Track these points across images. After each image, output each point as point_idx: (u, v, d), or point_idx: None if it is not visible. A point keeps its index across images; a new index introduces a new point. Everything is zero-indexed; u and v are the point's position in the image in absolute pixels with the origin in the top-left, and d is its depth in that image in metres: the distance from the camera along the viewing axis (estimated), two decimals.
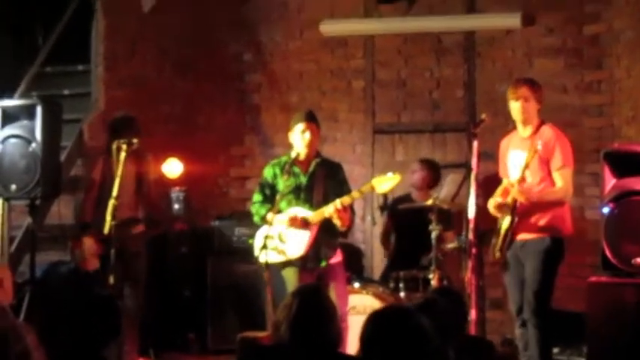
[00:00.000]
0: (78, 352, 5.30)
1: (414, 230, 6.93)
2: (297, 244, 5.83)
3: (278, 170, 5.96)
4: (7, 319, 2.97)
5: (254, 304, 7.22)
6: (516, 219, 5.71)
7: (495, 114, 6.59)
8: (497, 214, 5.83)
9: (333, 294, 5.56)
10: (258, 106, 8.61)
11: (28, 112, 6.22)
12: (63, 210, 6.77)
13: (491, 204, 5.86)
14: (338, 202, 5.72)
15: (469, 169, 5.85)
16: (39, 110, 6.14)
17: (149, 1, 7.76)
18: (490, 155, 6.35)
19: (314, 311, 3.54)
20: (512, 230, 5.74)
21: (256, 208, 5.98)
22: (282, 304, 3.61)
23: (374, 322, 3.08)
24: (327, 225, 5.82)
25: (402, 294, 6.58)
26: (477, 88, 7.99)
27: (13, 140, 6.22)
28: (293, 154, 5.91)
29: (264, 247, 5.69)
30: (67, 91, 7.85)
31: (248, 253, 6.19)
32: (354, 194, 5.82)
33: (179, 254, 7.67)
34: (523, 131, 5.89)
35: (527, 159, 5.64)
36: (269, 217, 5.76)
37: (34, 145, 6.13)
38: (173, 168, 7.76)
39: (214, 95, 8.50)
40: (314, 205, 5.86)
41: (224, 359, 7.07)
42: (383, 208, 7.37)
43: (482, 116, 5.96)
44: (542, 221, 5.74)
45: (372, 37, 8.30)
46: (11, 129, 6.24)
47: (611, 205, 5.73)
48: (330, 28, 8.26)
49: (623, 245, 5.66)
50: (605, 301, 5.63)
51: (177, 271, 7.65)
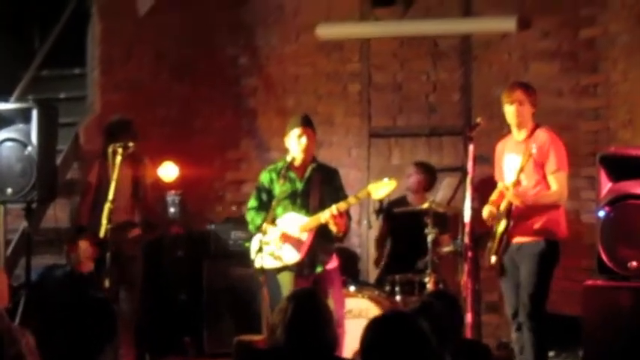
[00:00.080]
0: (73, 356, 5.29)
1: (409, 233, 6.93)
2: (293, 250, 5.83)
3: (274, 175, 5.94)
4: (2, 322, 2.97)
5: (250, 307, 7.22)
6: (512, 222, 5.71)
7: (491, 117, 6.59)
8: (491, 222, 5.82)
9: (329, 299, 5.56)
10: (254, 110, 8.59)
11: (24, 116, 6.21)
12: (59, 213, 6.78)
13: (486, 212, 5.85)
14: (334, 208, 5.70)
15: (465, 172, 5.85)
16: (35, 114, 6.13)
17: (145, 5, 7.77)
18: (486, 159, 6.35)
19: (309, 315, 3.54)
20: (508, 234, 5.73)
21: (252, 215, 5.96)
22: (278, 307, 3.60)
23: (374, 328, 3.09)
24: (323, 231, 5.80)
25: (397, 297, 6.58)
26: (473, 91, 7.99)
27: (8, 144, 6.21)
28: (288, 158, 5.91)
29: (259, 250, 5.69)
30: (63, 95, 7.86)
31: (244, 256, 6.18)
32: (350, 200, 5.79)
33: (175, 258, 7.65)
34: (518, 135, 5.89)
35: (522, 162, 5.65)
36: (264, 227, 5.75)
37: (29, 149, 6.13)
38: (169, 171, 7.75)
39: (210, 99, 8.49)
40: (310, 211, 5.85)
41: None
42: (379, 211, 7.33)
43: (478, 120, 5.97)
44: (538, 224, 5.74)
45: (368, 40, 8.29)
46: (7, 132, 6.23)
47: (607, 209, 5.73)
48: (326, 31, 8.26)
49: (618, 249, 5.66)
50: (601, 305, 5.63)
51: (173, 275, 7.63)
